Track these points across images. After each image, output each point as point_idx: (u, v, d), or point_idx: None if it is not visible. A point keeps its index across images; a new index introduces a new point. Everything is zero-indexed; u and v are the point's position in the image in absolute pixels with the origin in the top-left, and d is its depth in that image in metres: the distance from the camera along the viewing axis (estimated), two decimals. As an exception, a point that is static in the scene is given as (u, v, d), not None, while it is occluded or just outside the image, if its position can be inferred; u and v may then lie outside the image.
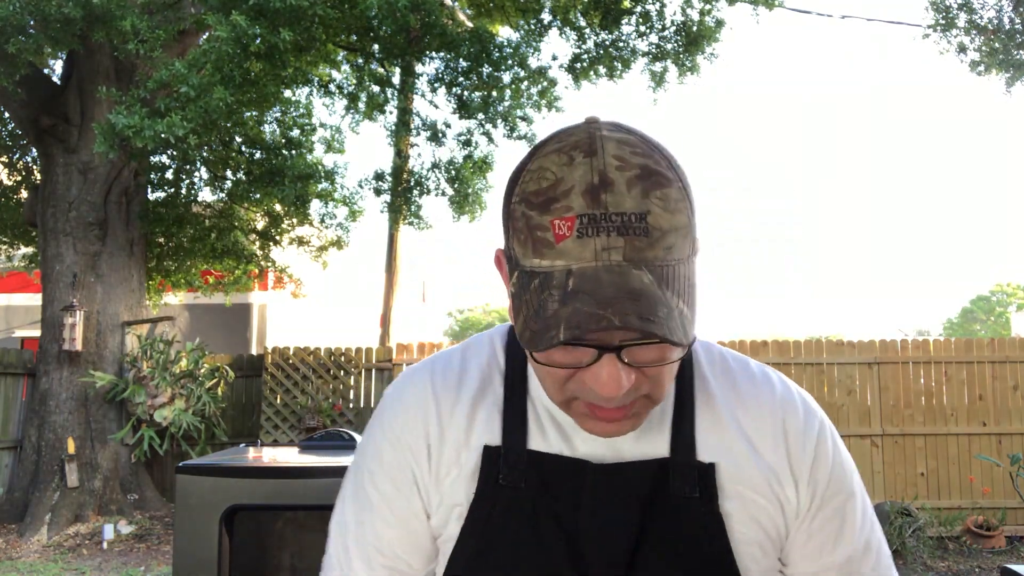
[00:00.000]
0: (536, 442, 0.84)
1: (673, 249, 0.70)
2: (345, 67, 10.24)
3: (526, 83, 8.49)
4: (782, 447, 0.85)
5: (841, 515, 0.86)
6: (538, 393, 0.85)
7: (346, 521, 0.90)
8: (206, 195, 10.61)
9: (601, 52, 9.15)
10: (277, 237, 9.98)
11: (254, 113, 8.67)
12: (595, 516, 0.80)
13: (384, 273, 11.96)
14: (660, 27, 9.03)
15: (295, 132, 9.20)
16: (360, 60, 9.17)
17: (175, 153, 8.52)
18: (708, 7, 8.92)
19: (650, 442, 0.83)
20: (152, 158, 8.81)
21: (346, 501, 0.91)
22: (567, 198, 0.69)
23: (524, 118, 8.21)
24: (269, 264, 10.20)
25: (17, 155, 9.64)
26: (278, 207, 9.57)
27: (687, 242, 0.72)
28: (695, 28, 8.92)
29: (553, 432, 0.84)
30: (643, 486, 0.81)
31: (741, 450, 0.83)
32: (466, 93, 8.13)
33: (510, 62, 7.90)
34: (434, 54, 8.17)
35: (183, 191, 9.36)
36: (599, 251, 0.68)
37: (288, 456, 2.89)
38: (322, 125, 9.52)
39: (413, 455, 0.86)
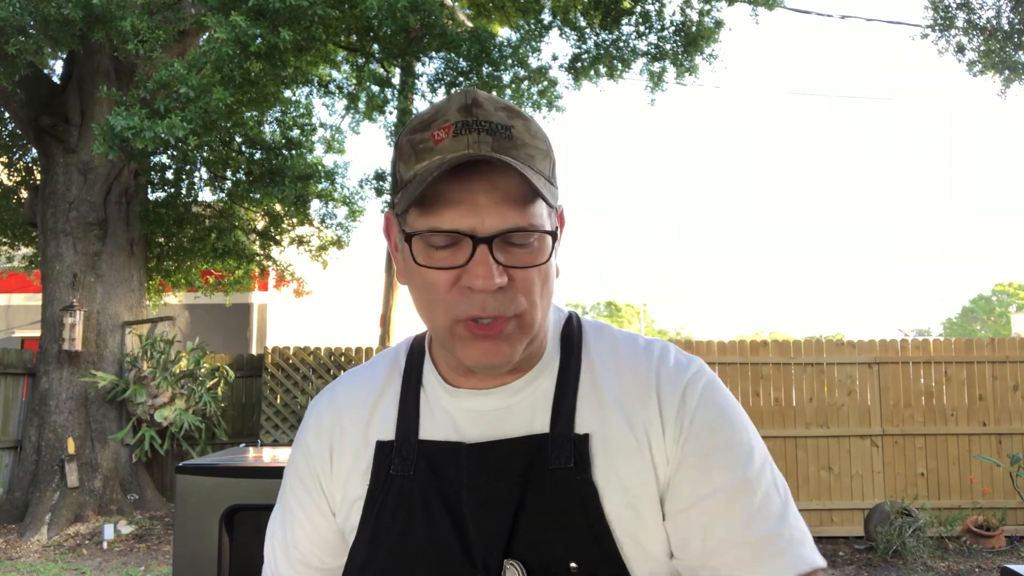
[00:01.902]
0: (428, 431, 0.90)
1: (535, 160, 0.82)
2: (345, 67, 10.24)
3: (526, 83, 8.50)
4: (654, 397, 0.88)
5: (709, 449, 0.85)
6: (432, 387, 0.93)
7: (274, 527, 1.00)
8: (206, 195, 10.62)
9: (601, 52, 9.15)
10: (277, 237, 9.98)
11: (254, 113, 8.67)
12: (474, 493, 0.85)
13: (384, 273, 11.96)
14: (660, 27, 9.03)
15: (295, 132, 9.20)
16: (360, 60, 9.17)
17: (175, 153, 8.52)
18: (707, 7, 8.92)
19: (533, 420, 0.88)
20: (152, 158, 8.81)
21: (276, 509, 1.01)
22: (444, 116, 0.82)
23: (524, 118, 8.19)
24: (270, 264, 10.20)
25: (17, 155, 9.63)
26: (278, 207, 9.57)
27: (547, 164, 0.84)
28: (694, 28, 8.92)
29: (443, 418, 0.91)
30: (519, 461, 0.85)
31: (615, 418, 0.87)
32: (466, 93, 8.11)
33: (510, 62, 7.90)
34: (434, 54, 8.17)
35: (183, 191, 9.35)
36: (471, 143, 0.79)
37: (288, 456, 2.89)
38: (322, 125, 9.53)
39: (319, 461, 0.96)
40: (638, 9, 8.97)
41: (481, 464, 0.86)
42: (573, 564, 0.82)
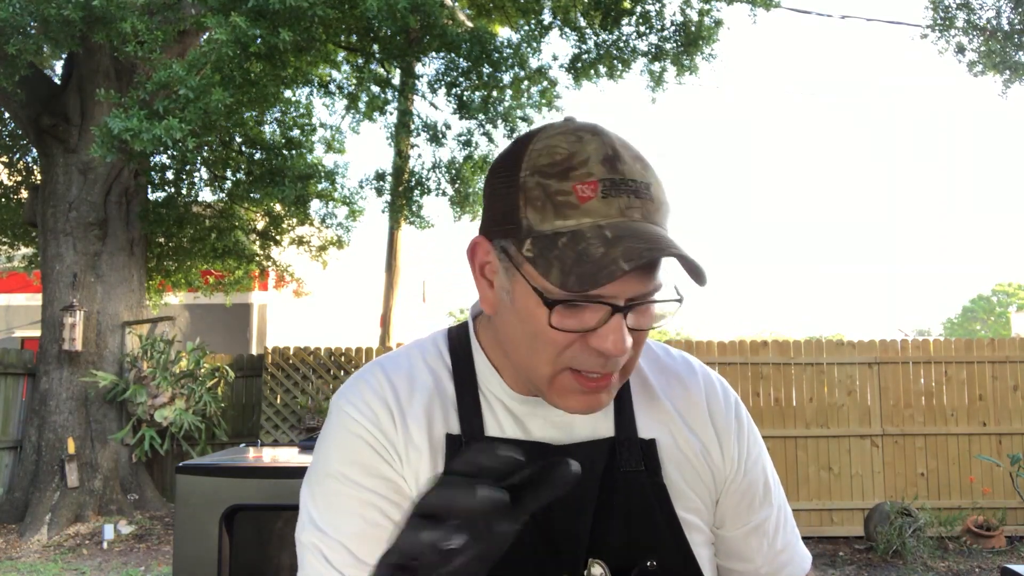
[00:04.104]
0: (493, 430, 0.88)
1: (667, 220, 0.80)
2: (345, 67, 10.24)
3: (526, 83, 8.50)
4: (708, 421, 0.94)
5: (763, 478, 0.97)
6: (489, 386, 0.90)
7: (325, 551, 0.82)
8: (206, 195, 10.61)
9: (601, 52, 9.15)
10: (277, 237, 9.98)
11: (254, 113, 8.67)
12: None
13: (384, 273, 11.95)
14: (659, 27, 9.03)
15: (295, 132, 9.20)
16: (360, 60, 9.17)
17: (174, 154, 8.53)
18: (707, 7, 8.92)
19: (597, 424, 0.90)
20: (152, 158, 8.82)
21: (323, 525, 0.83)
22: (585, 166, 0.76)
23: (524, 118, 8.20)
24: (270, 264, 10.20)
25: (17, 155, 9.63)
26: (278, 207, 9.57)
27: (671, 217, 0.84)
28: (694, 28, 8.92)
29: (508, 420, 0.89)
30: (597, 464, 0.87)
31: (676, 426, 0.93)
32: (466, 94, 8.12)
33: (510, 62, 7.90)
34: (434, 54, 8.17)
35: (183, 191, 9.36)
36: (623, 209, 0.75)
37: (288, 456, 2.90)
38: (322, 125, 9.53)
39: (387, 428, 0.85)
40: (638, 9, 8.97)
41: None
42: (651, 562, 0.86)
